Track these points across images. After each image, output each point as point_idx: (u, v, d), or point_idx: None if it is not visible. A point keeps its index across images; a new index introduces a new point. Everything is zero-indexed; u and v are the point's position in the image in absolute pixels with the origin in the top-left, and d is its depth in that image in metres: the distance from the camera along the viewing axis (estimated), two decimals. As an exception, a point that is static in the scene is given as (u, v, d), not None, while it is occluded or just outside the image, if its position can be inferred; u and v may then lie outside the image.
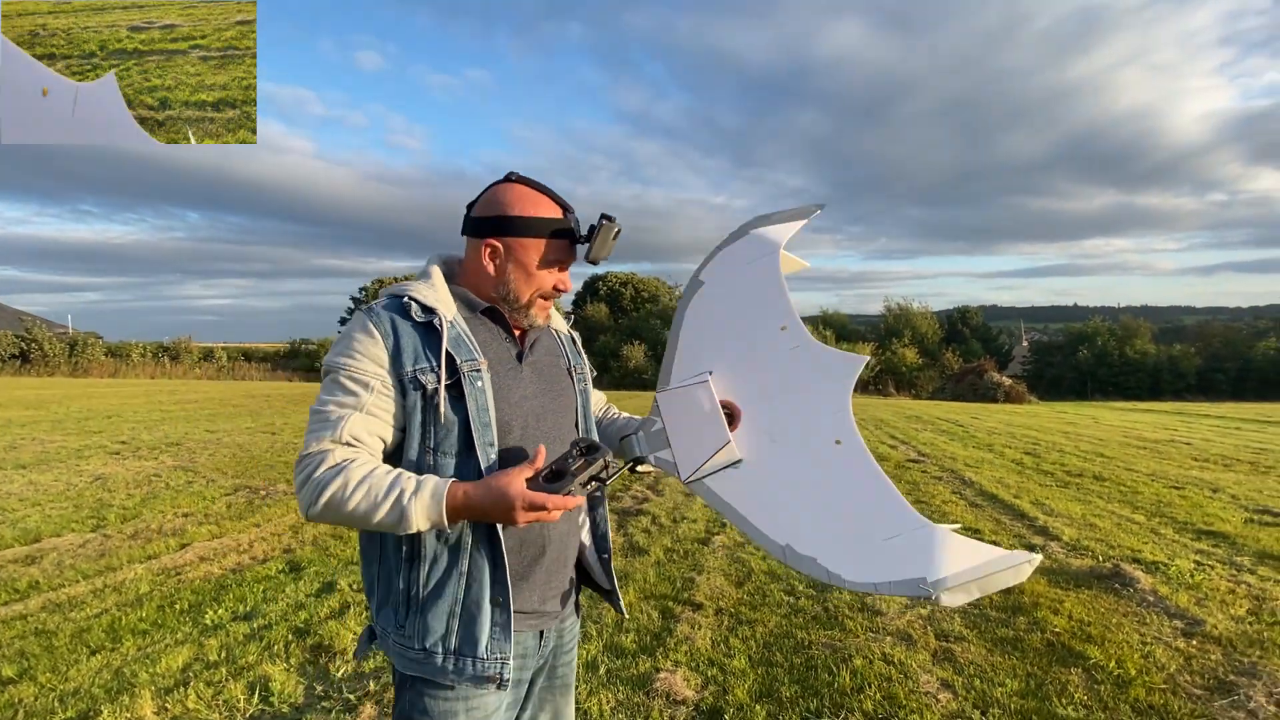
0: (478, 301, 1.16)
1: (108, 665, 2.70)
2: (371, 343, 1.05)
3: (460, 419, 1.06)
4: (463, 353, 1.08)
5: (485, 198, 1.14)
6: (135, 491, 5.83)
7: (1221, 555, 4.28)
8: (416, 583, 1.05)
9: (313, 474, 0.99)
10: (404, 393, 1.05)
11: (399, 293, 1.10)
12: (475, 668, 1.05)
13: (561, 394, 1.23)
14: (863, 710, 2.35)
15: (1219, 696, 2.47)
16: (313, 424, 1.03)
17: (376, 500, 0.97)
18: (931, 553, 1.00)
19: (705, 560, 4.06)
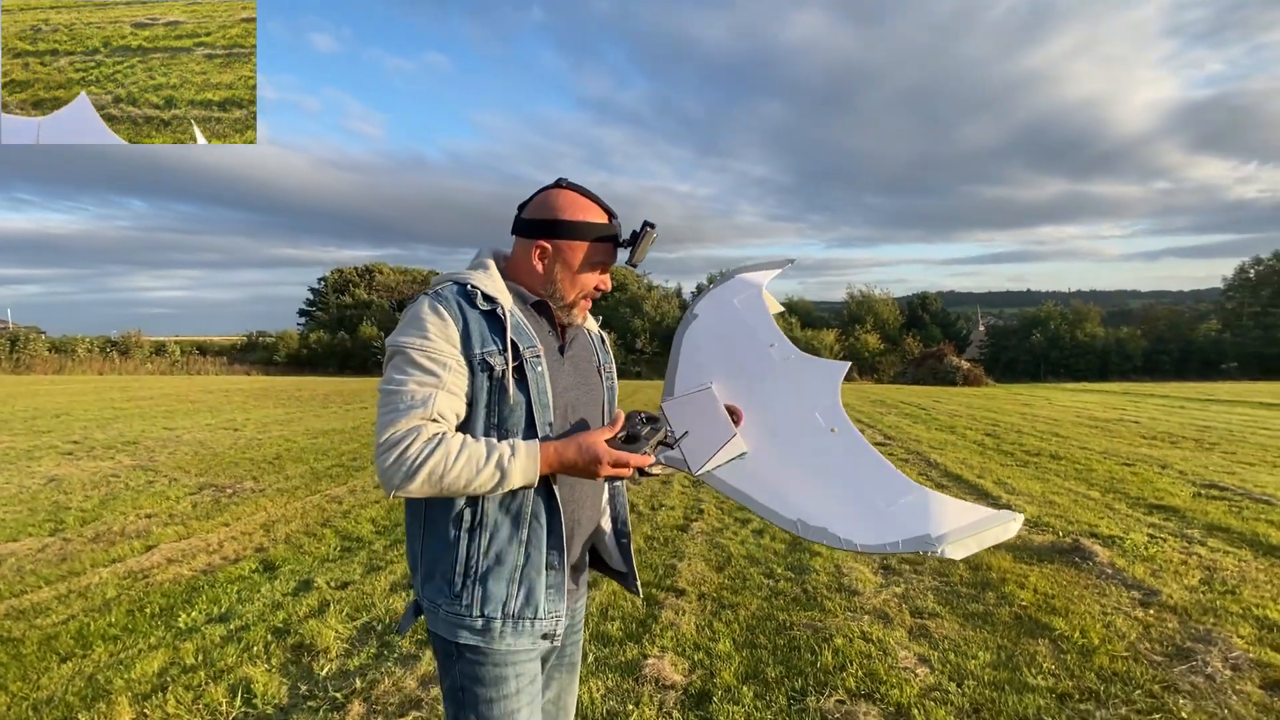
0: (529, 295, 1.23)
1: (80, 672, 2.61)
2: (443, 325, 1.10)
3: (524, 399, 1.13)
4: (524, 340, 1.15)
5: (537, 201, 1.22)
6: (93, 493, 5.61)
7: (1173, 528, 4.51)
8: (478, 552, 1.12)
9: (407, 450, 1.02)
10: (473, 373, 1.12)
11: (462, 280, 1.16)
12: (535, 627, 1.14)
13: (593, 388, 1.31)
14: (845, 687, 2.43)
15: (1178, 662, 2.62)
16: (393, 403, 1.06)
17: (479, 465, 1.04)
18: (930, 513, 1.13)
19: (685, 547, 4.12)
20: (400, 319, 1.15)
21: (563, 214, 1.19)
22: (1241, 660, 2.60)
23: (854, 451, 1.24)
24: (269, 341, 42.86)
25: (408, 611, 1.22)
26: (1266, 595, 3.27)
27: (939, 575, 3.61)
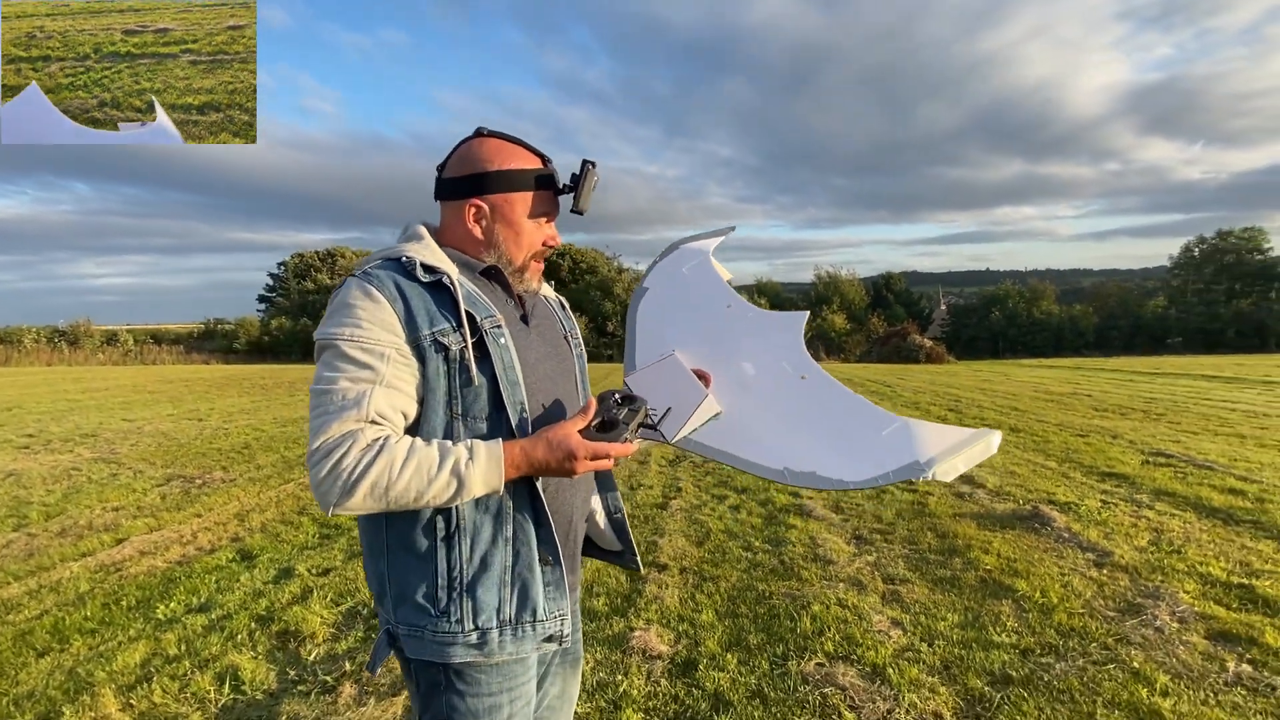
0: (476, 263, 1.09)
1: (59, 666, 2.58)
2: (377, 308, 0.95)
3: (489, 378, 0.99)
4: (480, 309, 1.01)
5: (458, 157, 1.07)
6: (55, 487, 5.44)
7: (1123, 494, 4.77)
8: (459, 561, 0.98)
9: (341, 461, 0.88)
10: (423, 359, 0.97)
11: (394, 254, 1.02)
12: (538, 630, 1.02)
13: (565, 358, 1.19)
14: (824, 651, 2.54)
15: (1129, 617, 2.80)
16: (324, 405, 0.92)
17: (430, 475, 0.90)
18: (914, 441, 1.13)
19: (665, 524, 4.20)
20: (329, 305, 0.99)
21: (491, 164, 1.04)
22: (1187, 614, 2.80)
23: (828, 394, 1.25)
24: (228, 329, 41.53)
25: (379, 644, 1.06)
26: (1209, 553, 3.50)
27: (909, 544, 3.76)
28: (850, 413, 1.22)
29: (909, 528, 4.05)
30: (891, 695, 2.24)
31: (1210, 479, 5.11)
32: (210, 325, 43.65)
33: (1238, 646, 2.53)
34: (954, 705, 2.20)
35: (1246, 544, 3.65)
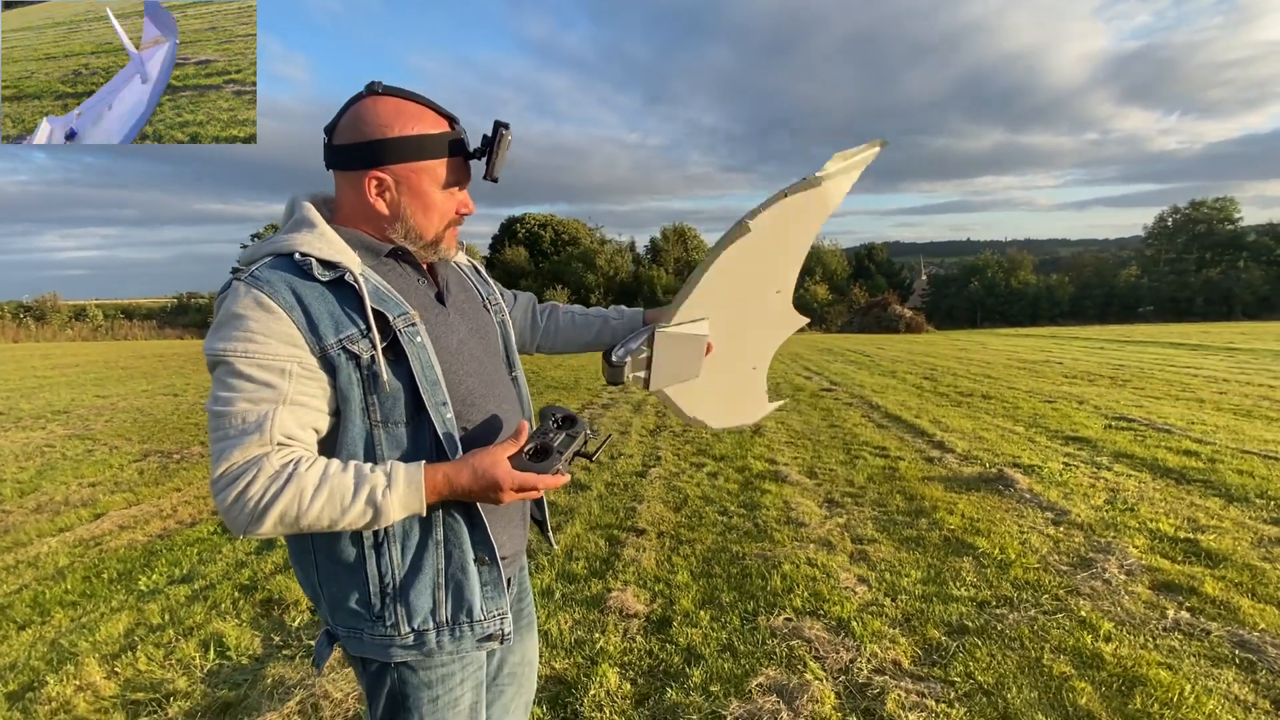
0: (380, 245, 0.98)
1: (41, 638, 2.61)
2: (273, 319, 0.86)
3: (406, 382, 0.93)
4: (391, 308, 0.93)
5: (351, 119, 0.92)
6: (27, 464, 5.39)
7: (1085, 457, 4.95)
8: (390, 567, 0.95)
9: (246, 491, 0.82)
10: (333, 370, 0.89)
11: (284, 250, 0.90)
12: (476, 630, 1.00)
13: (488, 333, 1.13)
14: (793, 607, 2.65)
15: (1081, 570, 2.95)
16: (223, 429, 0.84)
17: (344, 504, 0.85)
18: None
19: (644, 490, 4.29)
20: (215, 319, 0.88)
21: (391, 129, 0.91)
22: (1135, 566, 2.95)
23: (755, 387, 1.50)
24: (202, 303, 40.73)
25: (320, 642, 1.03)
26: (1160, 511, 3.68)
27: (878, 506, 3.90)
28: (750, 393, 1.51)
29: (879, 491, 4.19)
30: (854, 646, 2.36)
31: (1168, 441, 5.32)
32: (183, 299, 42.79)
33: (1179, 595, 2.68)
34: (912, 654, 2.32)
35: (1195, 501, 3.83)
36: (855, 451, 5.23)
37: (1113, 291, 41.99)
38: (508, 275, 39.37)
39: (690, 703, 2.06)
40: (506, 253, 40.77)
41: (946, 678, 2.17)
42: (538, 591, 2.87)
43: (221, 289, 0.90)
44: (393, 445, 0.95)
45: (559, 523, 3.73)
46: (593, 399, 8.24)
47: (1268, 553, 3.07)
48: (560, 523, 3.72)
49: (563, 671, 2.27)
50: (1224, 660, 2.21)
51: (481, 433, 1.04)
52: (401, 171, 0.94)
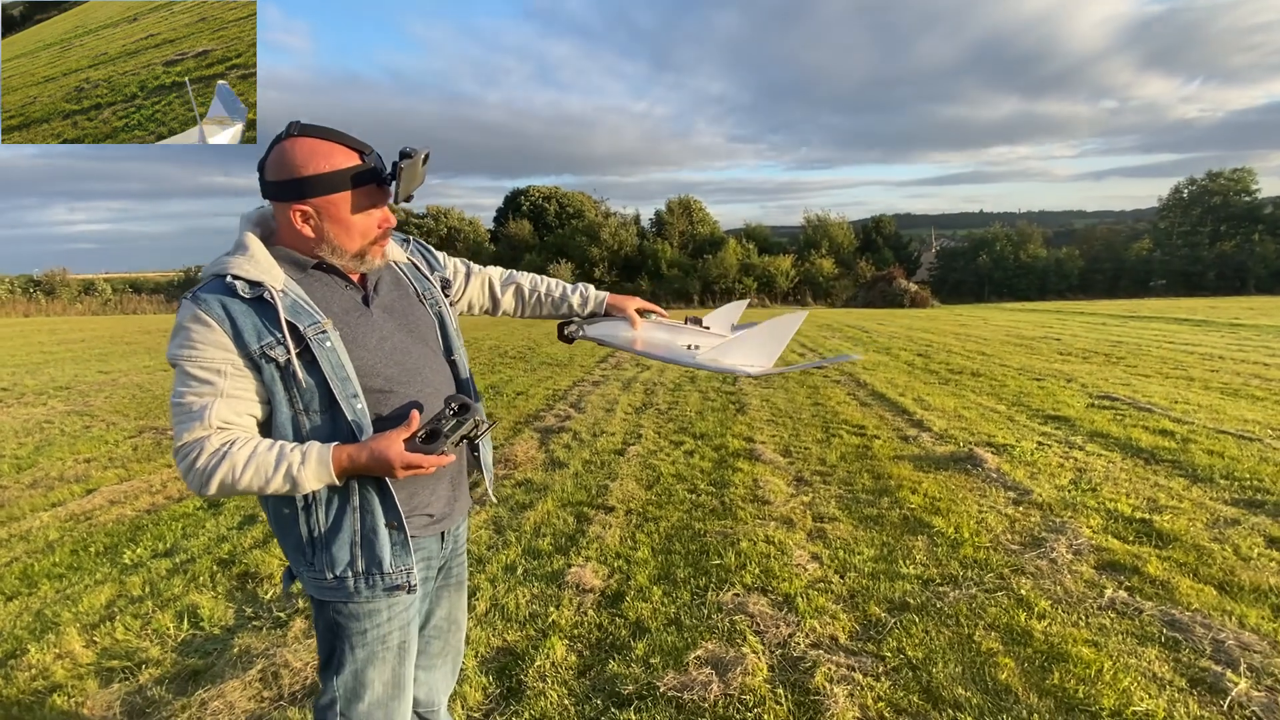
0: (305, 259, 1.16)
1: (26, 609, 2.75)
2: (208, 330, 1.06)
3: (318, 381, 1.11)
4: (303, 319, 1.10)
5: (274, 159, 1.09)
6: (26, 440, 5.54)
7: (1060, 436, 4.99)
8: (317, 525, 1.15)
9: (195, 463, 1.05)
10: (259, 370, 1.09)
11: (220, 272, 1.09)
12: (385, 581, 1.19)
13: (418, 324, 1.29)
14: (743, 583, 2.75)
15: (1030, 550, 3.02)
16: (178, 416, 1.07)
17: (267, 475, 1.06)
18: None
19: (620, 469, 4.38)
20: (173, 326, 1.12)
21: (307, 169, 1.07)
22: (1084, 546, 3.02)
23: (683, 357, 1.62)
24: (208, 278, 40.94)
25: (285, 575, 1.30)
26: (1122, 491, 3.73)
27: (845, 484, 3.97)
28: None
29: (849, 469, 4.26)
30: (795, 622, 2.45)
31: (1146, 420, 5.34)
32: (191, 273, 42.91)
33: (1120, 575, 2.75)
34: (850, 629, 2.42)
35: (1160, 482, 3.88)
36: (833, 430, 5.30)
37: (1123, 265, 41.32)
38: (512, 249, 39.23)
39: (629, 674, 2.16)
40: (511, 226, 40.52)
41: (878, 653, 2.26)
42: (501, 567, 2.98)
43: (178, 307, 1.12)
44: (314, 429, 1.15)
45: (532, 499, 3.83)
46: (584, 375, 8.33)
47: (1219, 534, 3.13)
48: (533, 499, 3.82)
49: (513, 643, 2.38)
50: (1150, 639, 2.29)
51: (398, 415, 1.19)
52: (319, 203, 1.11)
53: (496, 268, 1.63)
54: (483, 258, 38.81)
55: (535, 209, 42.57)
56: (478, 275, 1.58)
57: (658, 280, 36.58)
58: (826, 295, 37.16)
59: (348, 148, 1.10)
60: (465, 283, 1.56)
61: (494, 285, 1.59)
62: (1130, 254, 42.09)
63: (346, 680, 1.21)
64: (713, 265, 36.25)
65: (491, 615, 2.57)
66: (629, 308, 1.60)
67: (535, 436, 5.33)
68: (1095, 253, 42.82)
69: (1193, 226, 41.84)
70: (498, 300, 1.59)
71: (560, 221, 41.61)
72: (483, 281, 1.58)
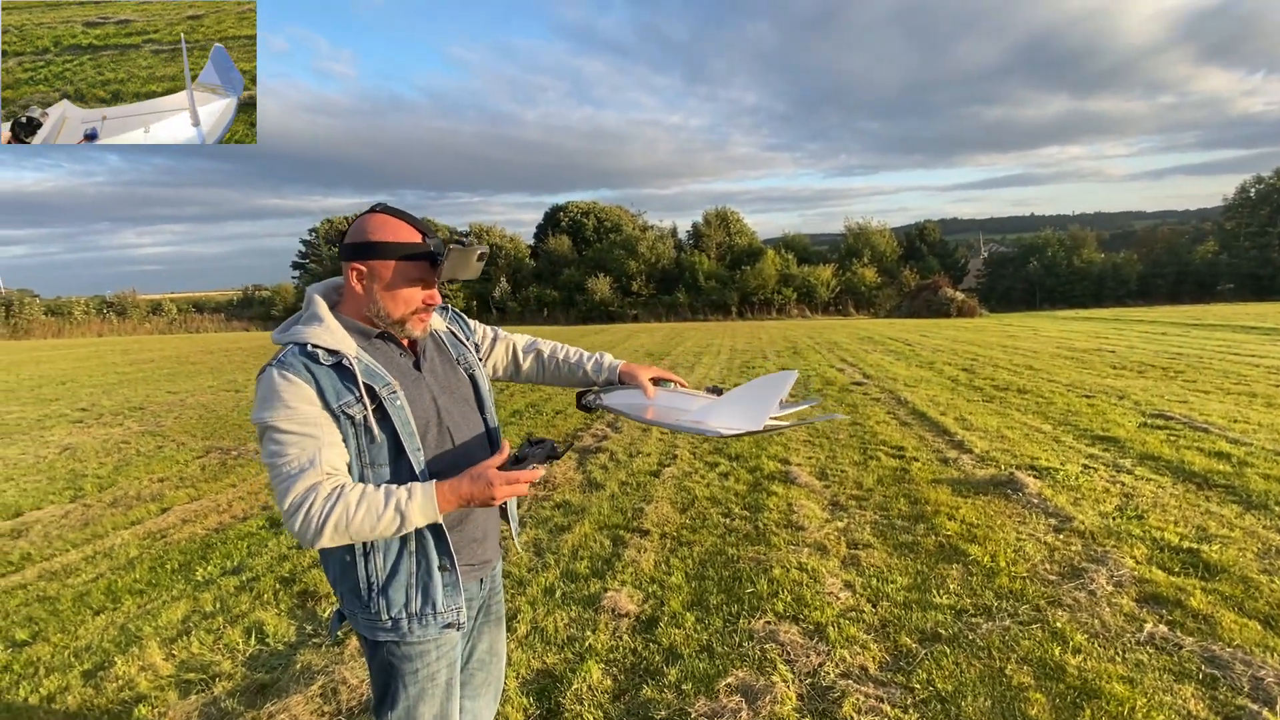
0: (370, 330, 1.31)
1: (112, 623, 3.01)
2: (299, 391, 1.18)
3: (389, 434, 1.25)
4: (378, 381, 1.24)
5: (354, 226, 1.29)
6: (106, 460, 5.99)
7: (1108, 459, 4.87)
8: (375, 570, 1.26)
9: (309, 510, 1.12)
10: (339, 425, 1.22)
11: (300, 341, 1.23)
12: (438, 620, 1.30)
13: (459, 386, 1.44)
14: (775, 611, 2.81)
15: (1068, 580, 2.99)
16: (283, 472, 1.15)
17: (379, 513, 1.15)
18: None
19: (655, 491, 4.48)
20: (256, 396, 1.21)
21: (373, 236, 1.24)
22: (1125, 578, 2.97)
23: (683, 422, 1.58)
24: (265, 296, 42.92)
25: (333, 618, 1.38)
26: (1170, 519, 3.64)
27: (881, 510, 3.98)
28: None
29: (885, 494, 4.26)
30: (826, 651, 2.50)
31: (1201, 441, 5.16)
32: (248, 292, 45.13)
33: (1162, 609, 2.71)
34: (880, 660, 2.45)
35: (1211, 509, 3.76)
36: (871, 451, 5.28)
37: (1187, 269, 39.40)
38: (551, 264, 39.87)
39: (662, 700, 2.25)
40: (550, 242, 41.25)
41: (908, 684, 2.29)
42: (541, 589, 3.11)
43: (260, 372, 1.23)
44: (379, 481, 1.25)
45: (570, 522, 3.96)
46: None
47: (1269, 564, 3.03)
48: (571, 522, 3.96)
49: (552, 666, 2.50)
50: (1188, 676, 2.26)
51: (447, 464, 1.32)
52: (374, 265, 1.26)
53: (522, 335, 1.75)
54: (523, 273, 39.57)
55: (574, 224, 43.25)
56: (503, 341, 1.70)
57: (695, 293, 36.63)
58: (869, 305, 36.54)
59: (414, 228, 1.27)
60: (491, 347, 1.68)
61: (517, 351, 1.71)
62: (1195, 257, 40.10)
63: (400, 716, 1.32)
64: (751, 276, 36.10)
65: (531, 638, 2.70)
66: (642, 377, 1.62)
67: (573, 457, 5.48)
68: (1156, 256, 40.95)
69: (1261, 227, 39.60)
70: (519, 365, 1.71)
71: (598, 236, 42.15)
72: (507, 347, 1.70)
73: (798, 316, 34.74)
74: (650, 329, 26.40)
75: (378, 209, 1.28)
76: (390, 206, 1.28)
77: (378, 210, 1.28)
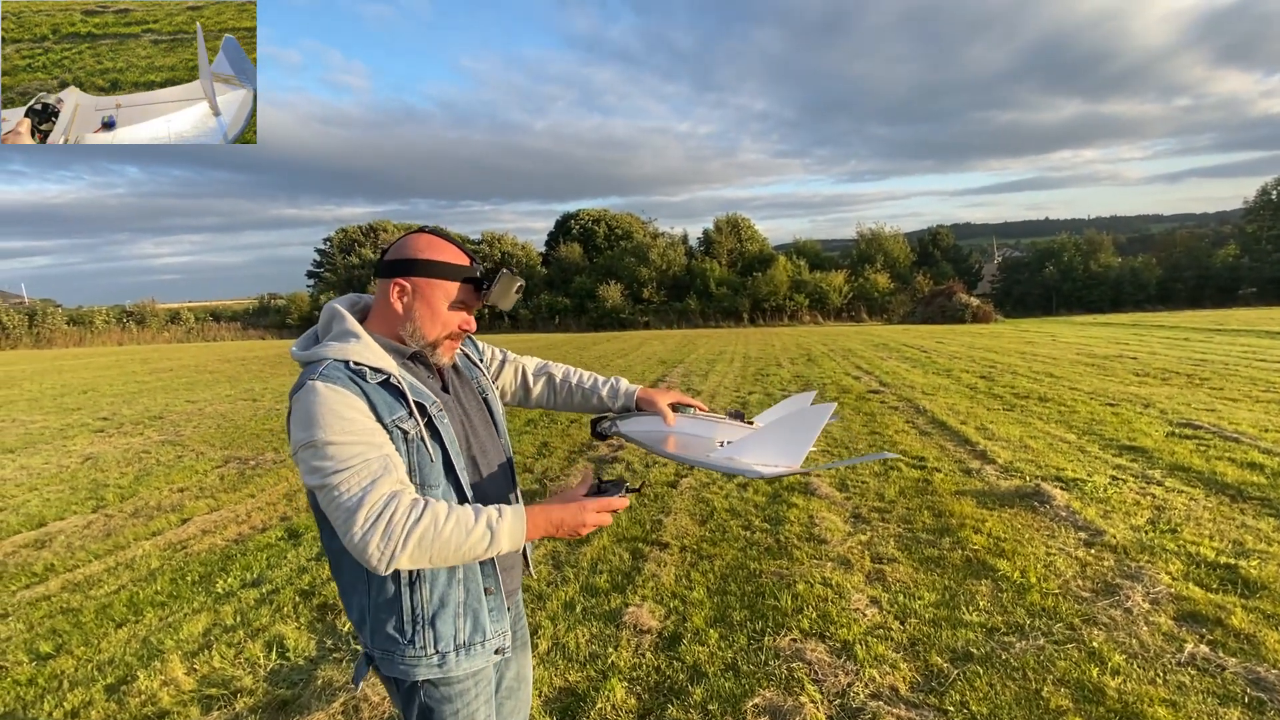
0: (405, 349, 1.26)
1: (135, 636, 3.01)
2: (351, 404, 1.10)
3: (441, 453, 1.19)
4: (424, 398, 1.20)
5: (398, 244, 1.25)
6: (128, 470, 6.04)
7: (1137, 469, 4.76)
8: (421, 602, 1.17)
9: (393, 519, 1.02)
10: (391, 440, 1.14)
11: (343, 358, 1.15)
12: (486, 647, 1.25)
13: (480, 409, 1.42)
14: (800, 628, 2.75)
15: (1103, 598, 2.91)
16: (351, 483, 1.03)
17: (469, 529, 1.06)
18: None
19: (673, 502, 4.44)
20: (295, 417, 1.09)
21: (420, 254, 1.21)
22: (1162, 595, 2.89)
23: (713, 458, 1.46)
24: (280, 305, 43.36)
25: (359, 664, 1.27)
26: (1204, 533, 3.54)
27: (904, 523, 3.91)
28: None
29: (908, 506, 4.19)
30: (854, 670, 2.45)
31: (1232, 452, 5.03)
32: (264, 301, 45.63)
33: (1202, 628, 2.62)
34: (911, 680, 2.39)
35: (1247, 522, 3.66)
36: (892, 462, 5.20)
37: (1208, 273, 38.73)
38: (563, 271, 39.99)
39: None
40: (561, 249, 41.37)
41: (941, 706, 2.23)
42: (561, 604, 3.07)
43: (294, 389, 1.13)
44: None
45: (588, 534, 3.92)
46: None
47: (1313, 582, 2.94)
48: (589, 534, 3.92)
49: (575, 684, 2.46)
50: (1233, 699, 2.18)
51: (477, 493, 1.28)
52: (420, 283, 1.22)
53: (531, 358, 1.69)
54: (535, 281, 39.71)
55: (585, 232, 43.38)
56: (511, 363, 1.65)
57: (706, 299, 36.56)
58: (882, 311, 36.27)
59: (462, 252, 1.25)
60: (499, 370, 1.63)
61: (527, 374, 1.65)
62: (1215, 260, 39.45)
63: None
64: (762, 283, 35.98)
65: (553, 654, 2.67)
66: (660, 403, 1.55)
67: (590, 467, 5.44)
68: (1175, 260, 40.32)
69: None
70: (530, 389, 1.65)
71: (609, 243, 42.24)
72: (516, 370, 1.65)
73: (810, 323, 34.55)
74: (662, 336, 26.35)
75: (425, 229, 1.26)
76: (437, 229, 1.26)
77: (426, 231, 1.25)
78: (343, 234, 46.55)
